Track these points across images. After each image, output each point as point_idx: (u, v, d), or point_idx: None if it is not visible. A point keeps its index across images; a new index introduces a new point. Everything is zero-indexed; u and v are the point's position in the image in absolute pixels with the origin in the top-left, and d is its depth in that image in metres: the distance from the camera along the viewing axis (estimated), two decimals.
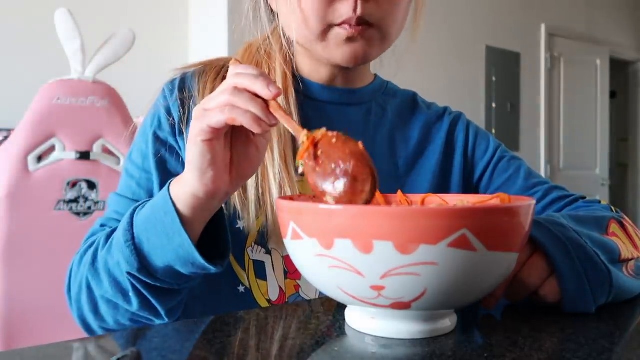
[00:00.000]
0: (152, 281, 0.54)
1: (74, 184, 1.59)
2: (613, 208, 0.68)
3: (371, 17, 0.63)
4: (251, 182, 0.64)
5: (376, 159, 0.72)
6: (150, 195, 0.65)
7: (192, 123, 0.50)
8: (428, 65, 3.00)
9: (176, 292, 0.58)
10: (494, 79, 3.75)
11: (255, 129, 0.47)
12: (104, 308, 0.59)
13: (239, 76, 0.48)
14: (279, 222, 0.47)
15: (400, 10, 0.67)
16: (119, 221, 0.59)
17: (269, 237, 0.65)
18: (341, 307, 0.51)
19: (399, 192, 0.57)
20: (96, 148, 1.66)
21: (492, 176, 0.78)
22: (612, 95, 4.92)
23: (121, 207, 0.65)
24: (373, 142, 0.73)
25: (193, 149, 0.49)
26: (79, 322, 0.62)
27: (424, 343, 0.41)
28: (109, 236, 0.59)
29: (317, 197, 0.46)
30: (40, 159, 1.61)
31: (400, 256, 0.37)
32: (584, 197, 0.74)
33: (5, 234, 1.54)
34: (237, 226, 0.65)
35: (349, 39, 0.64)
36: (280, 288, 0.66)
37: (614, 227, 0.58)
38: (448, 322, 0.44)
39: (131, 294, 0.56)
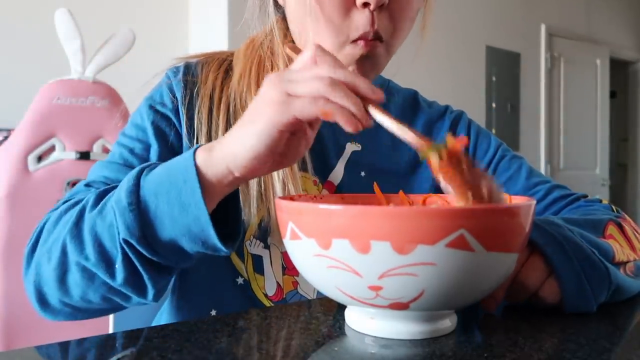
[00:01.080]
0: (150, 254, 0.48)
1: (74, 184, 1.59)
2: (614, 207, 0.68)
3: (385, 31, 0.62)
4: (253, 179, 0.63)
5: (378, 158, 0.73)
6: None
7: (267, 103, 0.44)
8: (428, 65, 3.00)
9: (170, 271, 0.52)
10: (494, 79, 3.75)
11: (350, 127, 0.43)
12: (75, 278, 0.51)
13: (336, 68, 0.44)
14: (278, 221, 0.47)
15: (410, 24, 0.66)
16: (108, 184, 0.55)
17: (270, 232, 0.65)
18: (341, 308, 0.51)
19: (401, 192, 0.57)
20: (96, 148, 1.67)
21: (493, 176, 0.77)
22: (612, 95, 4.92)
23: (111, 172, 0.61)
24: (375, 142, 0.73)
25: (261, 132, 0.44)
26: (31, 293, 0.54)
27: (424, 343, 0.41)
28: (100, 196, 0.52)
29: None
30: (40, 159, 1.61)
31: (398, 256, 0.37)
32: (585, 196, 0.74)
33: (5, 234, 1.54)
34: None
35: (361, 58, 0.62)
36: (278, 284, 0.66)
37: (611, 230, 0.58)
38: (448, 323, 0.44)
39: (118, 265, 0.49)
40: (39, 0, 2.27)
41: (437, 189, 0.73)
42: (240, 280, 0.65)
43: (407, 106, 0.80)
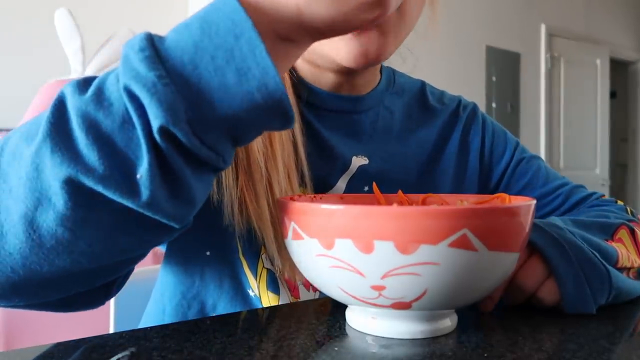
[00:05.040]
0: (196, 146, 0.33)
1: None
2: (629, 209, 0.67)
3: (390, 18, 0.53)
4: (262, 192, 0.58)
5: (387, 168, 0.68)
6: None
7: None
8: (428, 65, 2.99)
9: (211, 175, 0.38)
10: (494, 79, 3.76)
11: None
12: (59, 210, 0.33)
13: None
14: (279, 221, 0.46)
15: (417, 13, 0.58)
16: None
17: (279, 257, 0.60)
18: (341, 307, 0.51)
19: (400, 191, 0.57)
20: None
21: (510, 181, 0.75)
22: (612, 95, 4.93)
23: None
24: (382, 150, 0.69)
25: None
26: None
27: (425, 343, 0.41)
28: (86, 81, 0.36)
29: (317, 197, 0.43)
30: None
31: (401, 256, 0.37)
32: (602, 196, 0.73)
33: None
34: (253, 226, 0.59)
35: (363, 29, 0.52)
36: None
37: (622, 234, 0.57)
38: (448, 322, 0.44)
39: (145, 170, 0.33)
40: (39, 0, 2.27)
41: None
42: (252, 294, 0.62)
43: (415, 104, 0.74)
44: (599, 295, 0.49)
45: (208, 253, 0.61)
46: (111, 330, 0.82)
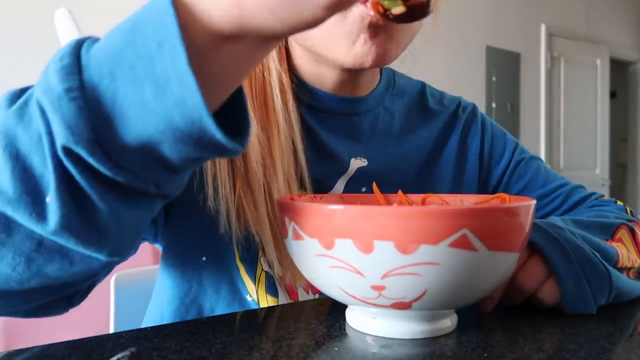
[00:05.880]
0: (109, 169, 0.30)
1: None
2: (629, 209, 0.67)
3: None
4: (261, 199, 0.58)
5: (385, 169, 0.69)
6: None
7: None
8: (428, 65, 3.00)
9: (144, 205, 0.34)
10: (494, 79, 3.76)
11: None
12: None
13: None
14: (279, 221, 0.46)
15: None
16: None
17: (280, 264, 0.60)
18: (341, 307, 0.51)
19: (399, 191, 0.57)
20: None
21: (509, 182, 0.75)
22: (612, 95, 4.93)
23: None
24: (381, 152, 0.68)
25: None
26: None
27: (425, 343, 0.41)
28: (18, 94, 0.33)
29: None
30: None
31: (401, 256, 0.37)
32: (602, 196, 0.73)
33: None
34: (251, 231, 0.59)
35: (371, 25, 0.51)
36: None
37: (621, 233, 0.57)
38: (448, 322, 0.44)
39: (52, 195, 0.30)
40: (39, 0, 2.27)
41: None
42: (250, 299, 0.61)
43: (415, 106, 0.74)
44: (599, 295, 0.49)
45: (204, 259, 0.61)
46: (111, 330, 0.82)
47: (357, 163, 0.66)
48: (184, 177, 0.36)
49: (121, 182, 0.31)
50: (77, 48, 0.30)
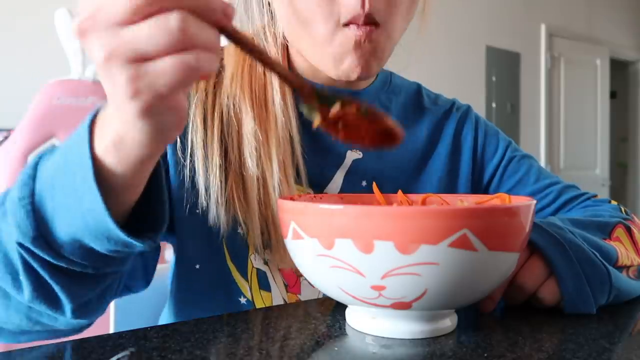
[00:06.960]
0: (53, 258, 0.40)
1: None
2: (623, 208, 0.67)
3: (379, 13, 0.55)
4: (252, 193, 0.59)
5: (381, 165, 0.70)
6: None
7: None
8: (428, 65, 3.00)
9: (92, 280, 0.43)
10: (494, 79, 3.76)
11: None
12: None
13: None
14: (279, 221, 0.46)
15: (410, 3, 0.59)
16: None
17: (267, 248, 0.61)
18: (341, 307, 0.51)
19: (400, 191, 0.57)
20: None
21: (502, 178, 0.75)
22: (612, 95, 4.93)
23: None
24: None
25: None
26: None
27: (425, 343, 0.41)
28: (7, 192, 0.44)
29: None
30: None
31: (401, 256, 0.37)
32: (595, 196, 0.73)
33: None
34: (239, 231, 0.61)
35: (357, 46, 0.56)
36: (284, 300, 0.63)
37: (619, 232, 0.58)
38: (448, 322, 0.44)
39: (21, 275, 0.41)
40: (39, 0, 2.27)
41: (443, 193, 0.71)
42: (243, 300, 0.62)
43: (411, 104, 0.76)
44: (600, 295, 0.49)
45: (197, 266, 0.62)
46: (111, 330, 0.82)
47: (353, 155, 0.68)
48: (123, 262, 0.44)
49: (65, 267, 0.41)
50: (39, 160, 0.41)
